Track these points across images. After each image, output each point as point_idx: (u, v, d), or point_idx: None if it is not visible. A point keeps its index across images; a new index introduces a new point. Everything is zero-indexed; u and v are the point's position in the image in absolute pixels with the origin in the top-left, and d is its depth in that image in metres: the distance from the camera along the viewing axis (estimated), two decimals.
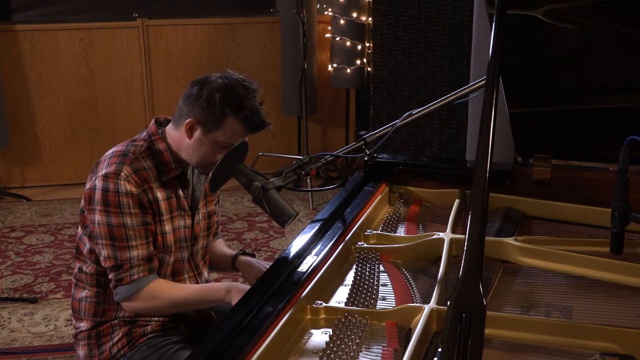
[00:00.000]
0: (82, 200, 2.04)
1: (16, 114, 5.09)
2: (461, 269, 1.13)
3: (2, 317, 3.49)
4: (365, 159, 2.25)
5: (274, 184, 1.87)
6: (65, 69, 5.13)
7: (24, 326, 3.43)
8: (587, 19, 2.00)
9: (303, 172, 1.94)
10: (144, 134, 2.09)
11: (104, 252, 1.98)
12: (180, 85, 5.25)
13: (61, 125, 5.24)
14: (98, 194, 1.96)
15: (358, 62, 5.07)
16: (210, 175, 1.96)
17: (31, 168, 5.28)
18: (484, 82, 2.12)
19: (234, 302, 1.91)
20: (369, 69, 5.00)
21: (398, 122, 2.09)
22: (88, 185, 2.01)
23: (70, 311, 3.51)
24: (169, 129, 2.08)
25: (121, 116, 5.28)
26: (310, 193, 4.85)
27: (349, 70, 5.08)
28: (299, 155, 5.27)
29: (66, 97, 5.18)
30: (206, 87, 1.98)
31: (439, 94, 4.44)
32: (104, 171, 1.98)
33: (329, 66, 5.20)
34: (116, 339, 2.07)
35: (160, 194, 2.03)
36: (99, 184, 1.97)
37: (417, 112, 2.13)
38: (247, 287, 1.96)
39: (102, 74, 5.18)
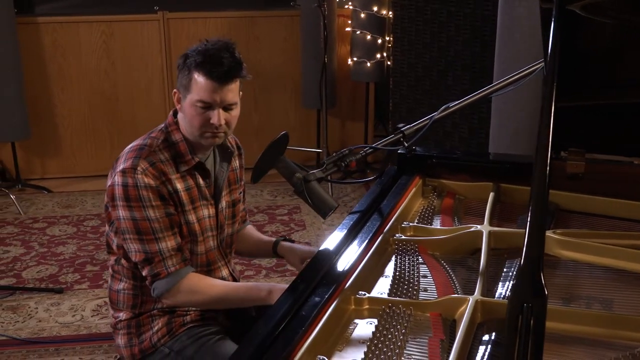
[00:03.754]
0: (105, 197, 2.06)
1: (37, 106, 5.12)
2: (522, 259, 1.14)
3: (29, 307, 3.53)
4: (400, 151, 2.27)
5: (315, 175, 1.88)
6: (86, 62, 5.15)
7: (51, 316, 3.46)
8: (624, 13, 2.01)
9: (343, 164, 1.95)
10: (162, 125, 2.11)
11: (132, 247, 1.99)
12: None
13: (81, 118, 5.26)
14: (119, 190, 1.98)
15: (378, 56, 5.08)
16: (253, 167, 1.97)
17: (51, 160, 5.31)
18: (522, 74, 2.15)
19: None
20: (389, 62, 5.01)
21: (436, 115, 2.11)
22: (109, 182, 2.03)
23: (96, 302, 3.57)
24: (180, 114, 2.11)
25: (141, 109, 5.30)
26: (330, 186, 4.87)
27: (369, 64, 5.08)
28: (318, 148, 5.29)
29: (87, 90, 5.21)
30: (182, 56, 2.03)
31: (459, 88, 4.46)
32: (121, 167, 2.00)
33: (349, 60, 5.20)
34: (156, 328, 2.09)
35: (179, 185, 2.04)
36: (118, 179, 1.99)
37: (455, 104, 2.14)
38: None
39: (122, 67, 5.20)
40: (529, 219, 1.16)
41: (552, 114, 1.18)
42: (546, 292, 1.12)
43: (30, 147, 5.20)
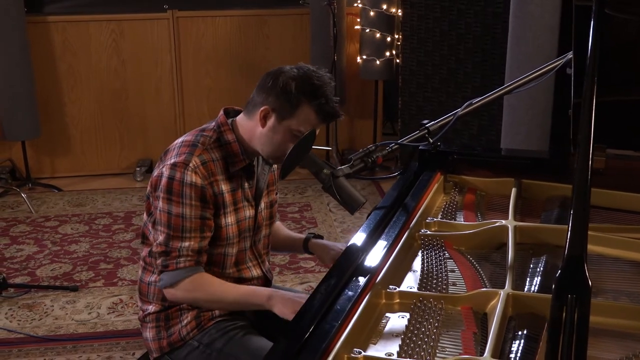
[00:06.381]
0: (149, 186, 2.08)
1: (47, 105, 5.14)
2: (565, 250, 1.16)
3: (45, 305, 3.54)
4: (421, 147, 2.29)
5: (343, 171, 1.90)
6: (95, 60, 5.16)
7: (67, 314, 3.48)
8: None
9: (370, 160, 1.98)
10: (213, 124, 2.11)
11: (158, 238, 2.03)
12: (209, 77, 5.30)
13: (91, 116, 5.28)
14: (164, 182, 2.00)
15: (387, 54, 5.09)
16: (282, 164, 1.99)
17: (61, 158, 5.32)
18: (544, 70, 2.17)
19: (275, 310, 1.96)
20: (398, 60, 5.03)
21: (459, 111, 2.12)
22: (156, 173, 2.05)
23: (112, 299, 3.59)
24: (241, 119, 2.10)
25: (151, 107, 5.32)
26: None
27: (378, 62, 5.10)
28: (327, 146, 5.31)
29: (96, 88, 5.22)
30: (281, 77, 2.01)
31: (470, 86, 4.48)
32: (172, 160, 2.01)
33: (358, 58, 5.22)
34: (185, 321, 2.10)
35: (225, 187, 2.06)
36: (166, 172, 2.00)
37: (477, 100, 2.16)
38: (289, 294, 2.00)
39: (132, 66, 5.22)
40: (572, 211, 1.18)
41: (593, 110, 1.21)
42: (590, 284, 1.14)
43: (40, 145, 5.22)
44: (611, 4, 1.95)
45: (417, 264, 1.88)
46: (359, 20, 5.17)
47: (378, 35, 5.04)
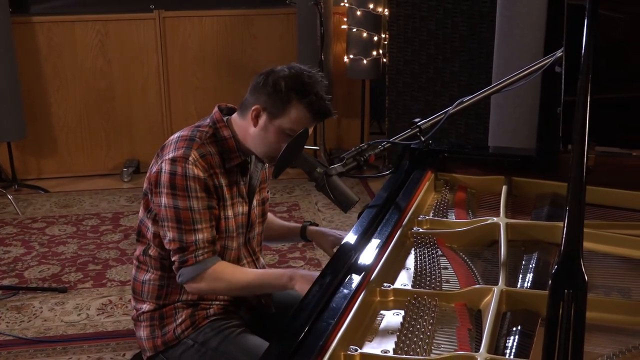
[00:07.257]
0: (146, 183, 2.07)
1: (33, 106, 5.10)
2: (561, 246, 1.17)
3: (33, 307, 3.52)
4: (412, 146, 2.30)
5: (336, 170, 1.91)
6: (81, 61, 5.14)
7: (56, 315, 3.46)
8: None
9: (362, 159, 1.98)
10: (208, 120, 2.11)
11: (169, 235, 2.01)
12: (196, 77, 5.29)
13: (77, 117, 5.25)
14: (165, 177, 1.99)
15: (374, 53, 5.10)
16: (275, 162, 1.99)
17: (47, 159, 5.29)
18: (534, 68, 2.18)
19: (297, 289, 1.98)
20: (385, 60, 5.04)
21: (451, 109, 2.14)
22: (154, 169, 2.04)
23: (101, 300, 3.58)
24: (235, 118, 2.11)
25: (137, 108, 5.30)
26: None
27: (365, 62, 5.11)
28: (314, 146, 5.31)
29: (82, 89, 5.20)
30: (272, 76, 2.01)
31: (456, 84, 4.50)
32: (171, 155, 2.01)
33: (345, 57, 5.23)
34: (180, 320, 2.10)
35: (223, 180, 2.07)
36: (166, 167, 2.00)
37: (469, 99, 2.17)
38: (309, 273, 2.01)
39: (118, 66, 5.20)
40: (568, 205, 1.19)
41: (588, 107, 1.22)
42: (586, 279, 1.15)
43: (26, 147, 5.19)
44: (605, 3, 1.97)
45: (410, 261, 1.89)
46: (345, 19, 5.17)
47: (365, 34, 5.05)
